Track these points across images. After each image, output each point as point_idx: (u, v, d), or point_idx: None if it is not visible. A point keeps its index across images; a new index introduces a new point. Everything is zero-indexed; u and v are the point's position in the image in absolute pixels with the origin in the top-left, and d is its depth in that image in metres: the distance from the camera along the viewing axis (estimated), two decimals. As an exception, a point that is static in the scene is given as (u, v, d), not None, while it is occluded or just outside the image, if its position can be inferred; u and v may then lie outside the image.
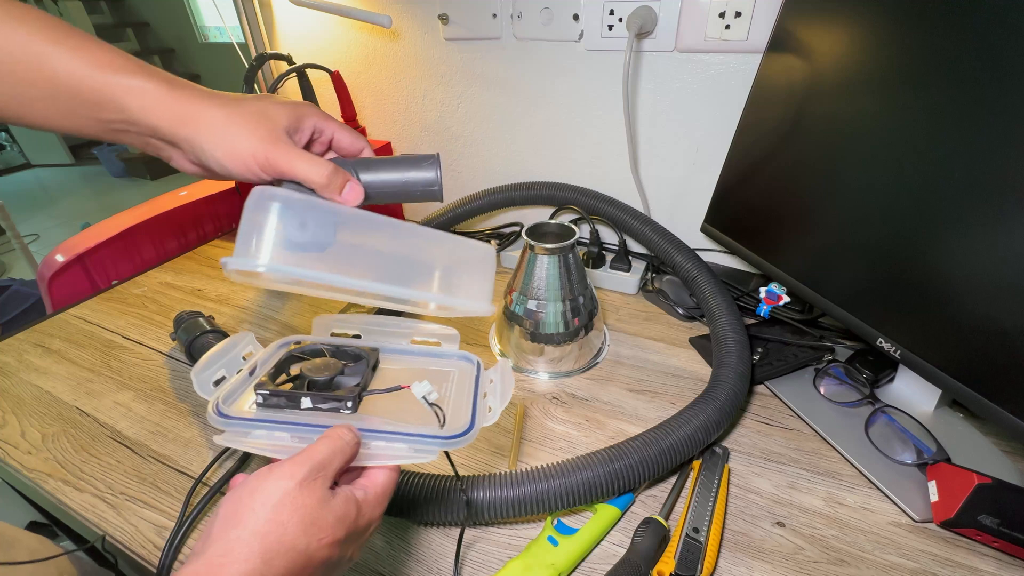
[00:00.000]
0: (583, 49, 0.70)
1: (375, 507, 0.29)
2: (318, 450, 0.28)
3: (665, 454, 0.44)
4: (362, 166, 0.36)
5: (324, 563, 0.26)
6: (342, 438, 0.29)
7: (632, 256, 0.77)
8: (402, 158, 0.36)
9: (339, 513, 0.27)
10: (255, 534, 0.24)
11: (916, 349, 0.45)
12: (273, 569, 0.24)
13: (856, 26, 0.47)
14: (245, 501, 0.25)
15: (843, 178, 0.49)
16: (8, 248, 2.41)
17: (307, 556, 0.25)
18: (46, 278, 0.77)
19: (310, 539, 0.25)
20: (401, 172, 0.35)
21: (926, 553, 0.41)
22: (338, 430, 0.29)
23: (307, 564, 0.25)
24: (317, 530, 0.25)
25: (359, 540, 0.29)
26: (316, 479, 0.26)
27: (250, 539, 0.24)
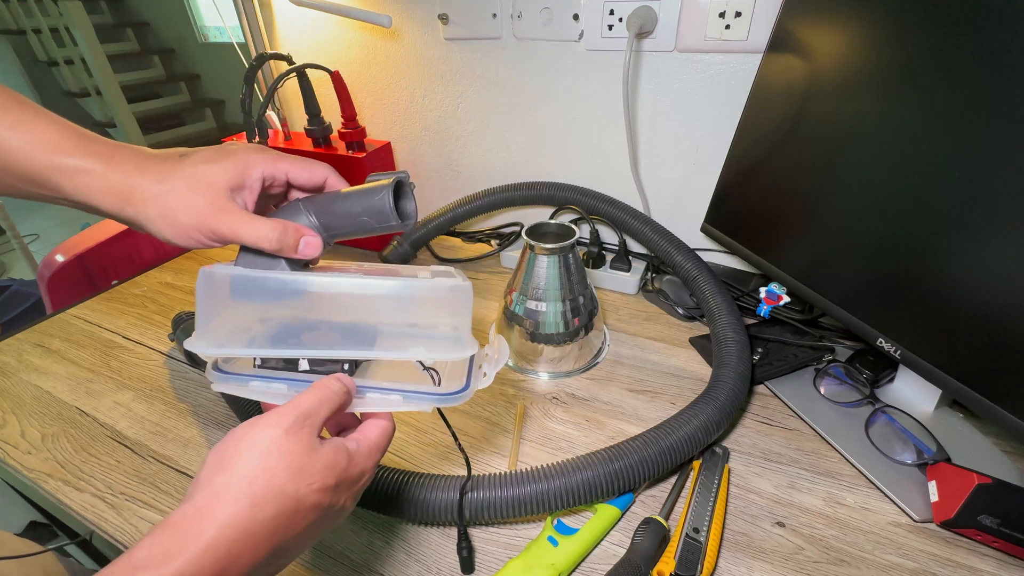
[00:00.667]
0: (583, 49, 0.70)
1: (367, 458, 0.29)
2: (305, 399, 0.28)
3: (665, 454, 0.44)
4: (316, 207, 0.33)
5: (315, 508, 0.26)
6: (329, 387, 0.29)
7: (632, 256, 0.77)
8: (355, 191, 0.33)
9: (328, 460, 0.27)
10: (243, 479, 0.24)
11: (916, 349, 0.45)
12: (262, 512, 0.24)
13: (856, 26, 0.47)
14: (232, 448, 0.25)
15: (843, 178, 0.49)
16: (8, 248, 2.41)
17: (296, 500, 0.25)
18: (46, 278, 0.77)
19: (299, 484, 0.25)
20: (353, 206, 0.32)
21: (926, 553, 0.41)
22: (326, 380, 0.29)
23: (297, 508, 0.25)
24: (306, 475, 0.25)
25: (351, 489, 0.29)
26: (303, 427, 0.26)
27: (238, 483, 0.24)
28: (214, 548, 0.22)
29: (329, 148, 0.82)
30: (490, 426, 0.54)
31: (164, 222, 0.30)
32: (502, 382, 0.60)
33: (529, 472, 0.42)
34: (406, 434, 0.53)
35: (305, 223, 0.32)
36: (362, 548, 0.43)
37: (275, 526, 0.24)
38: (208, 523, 0.23)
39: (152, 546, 0.22)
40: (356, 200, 0.32)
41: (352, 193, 0.33)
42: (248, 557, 0.23)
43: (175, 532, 0.22)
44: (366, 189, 0.32)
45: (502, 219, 0.90)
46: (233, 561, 0.23)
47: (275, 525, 0.24)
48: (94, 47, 2.99)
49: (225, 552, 0.22)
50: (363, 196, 0.32)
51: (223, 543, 0.22)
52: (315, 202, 0.33)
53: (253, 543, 0.23)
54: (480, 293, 0.76)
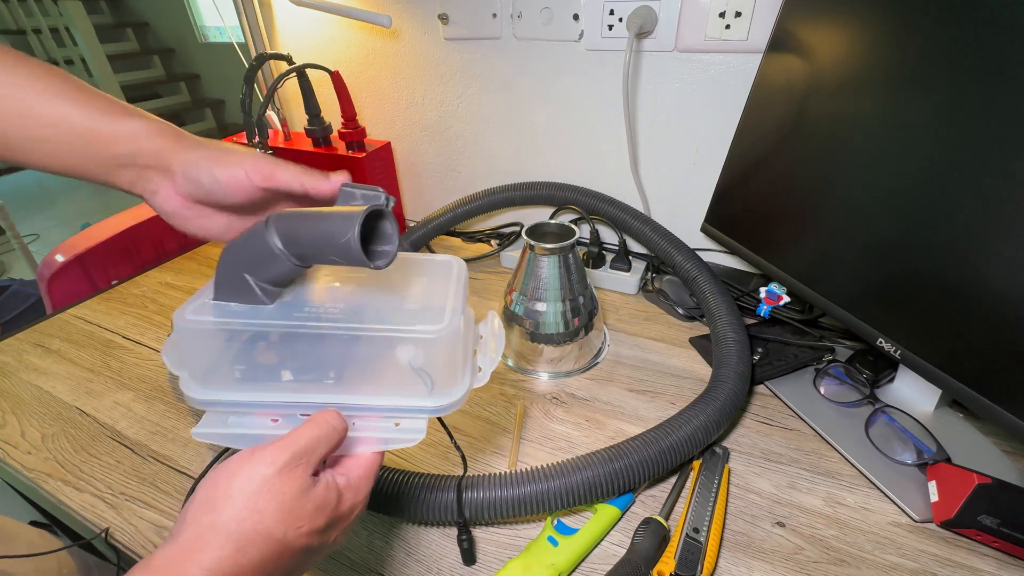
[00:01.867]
0: (583, 49, 0.70)
1: (357, 492, 0.29)
2: (302, 435, 0.27)
3: (665, 454, 0.44)
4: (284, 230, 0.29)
5: (302, 551, 0.26)
6: (329, 423, 0.28)
7: (632, 256, 0.77)
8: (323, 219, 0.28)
9: (319, 501, 0.26)
10: (229, 521, 0.24)
11: (916, 349, 0.45)
12: (246, 557, 0.23)
13: (856, 26, 0.47)
14: (222, 486, 0.25)
15: (843, 178, 0.49)
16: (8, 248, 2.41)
17: (283, 545, 0.25)
18: (46, 278, 0.77)
19: (287, 528, 0.25)
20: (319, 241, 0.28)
21: (926, 553, 0.41)
22: (325, 415, 0.28)
23: (283, 552, 0.25)
24: (295, 519, 0.25)
25: (341, 526, 0.28)
26: (298, 466, 0.26)
27: (225, 524, 0.23)
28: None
29: (329, 148, 0.82)
30: (490, 426, 0.54)
31: (213, 161, 0.32)
32: (502, 382, 0.60)
33: (529, 472, 0.42)
34: (406, 434, 0.53)
35: (271, 247, 0.29)
36: (362, 548, 0.43)
37: (261, 570, 0.24)
38: (190, 567, 0.22)
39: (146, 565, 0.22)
40: (322, 232, 0.28)
41: (320, 219, 0.28)
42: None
43: (156, 573, 0.22)
44: (331, 217, 0.28)
45: (502, 219, 0.90)
46: None
47: (261, 569, 0.24)
48: (94, 47, 2.99)
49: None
50: (328, 227, 0.28)
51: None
52: (285, 224, 0.29)
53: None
54: (480, 293, 0.76)
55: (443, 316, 0.31)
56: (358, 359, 0.32)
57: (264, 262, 0.29)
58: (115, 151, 0.33)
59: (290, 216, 0.29)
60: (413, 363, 0.32)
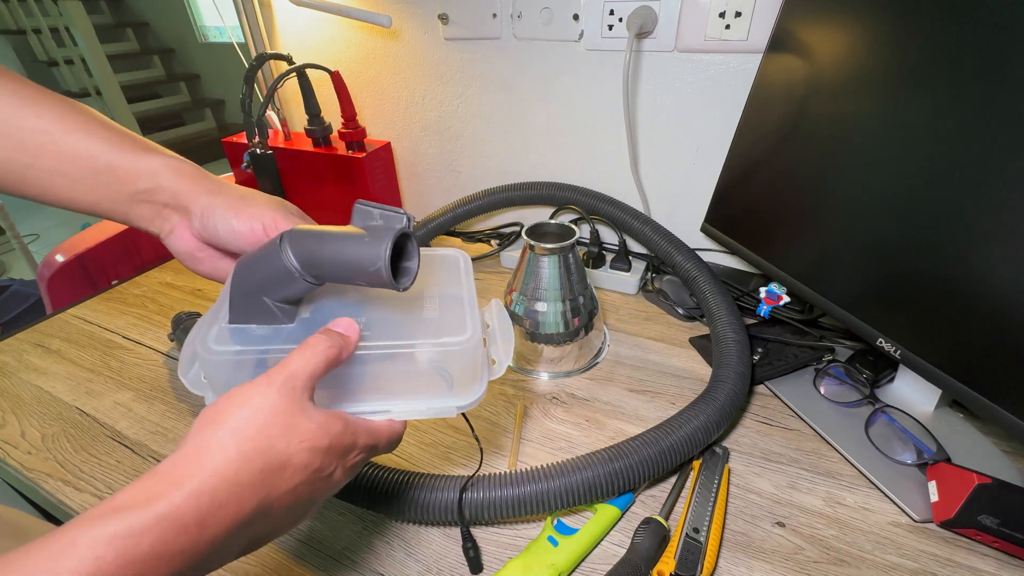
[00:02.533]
0: (583, 49, 0.70)
1: (364, 435, 0.29)
2: (292, 359, 0.27)
3: (665, 454, 0.44)
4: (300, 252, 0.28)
5: (304, 467, 0.25)
6: (316, 344, 0.28)
7: (632, 256, 0.77)
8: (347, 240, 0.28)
9: (321, 420, 0.26)
10: (233, 431, 0.24)
11: (916, 349, 0.45)
12: (250, 464, 0.23)
13: (856, 26, 0.47)
14: (222, 405, 0.25)
15: (843, 178, 0.49)
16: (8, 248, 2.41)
17: (286, 455, 0.25)
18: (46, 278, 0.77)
19: (289, 440, 0.25)
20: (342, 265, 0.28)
21: (926, 553, 0.41)
22: (314, 337, 0.28)
23: (285, 463, 0.25)
24: (296, 432, 0.25)
25: (343, 459, 0.28)
26: (294, 386, 0.26)
27: (228, 435, 0.24)
28: (197, 495, 0.22)
29: (329, 148, 0.82)
30: (490, 426, 0.54)
31: (231, 211, 0.33)
32: (502, 382, 0.60)
33: (529, 472, 0.42)
34: (406, 434, 0.53)
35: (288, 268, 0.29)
36: (362, 548, 0.43)
37: (262, 480, 0.24)
38: (195, 470, 0.22)
39: (136, 490, 0.22)
40: (346, 256, 0.28)
41: (342, 242, 0.28)
42: (232, 509, 0.23)
43: (161, 478, 0.22)
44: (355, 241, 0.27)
45: (502, 219, 0.90)
46: (216, 510, 0.22)
47: (262, 480, 0.24)
48: (94, 47, 2.99)
49: (209, 500, 0.22)
50: (353, 252, 0.27)
51: (207, 491, 0.22)
52: (298, 243, 0.28)
53: (239, 495, 0.23)
54: (481, 293, 0.75)
55: (465, 326, 0.32)
56: (383, 370, 0.32)
57: (280, 282, 0.29)
58: (135, 187, 0.33)
59: (305, 235, 0.29)
60: (433, 365, 0.33)
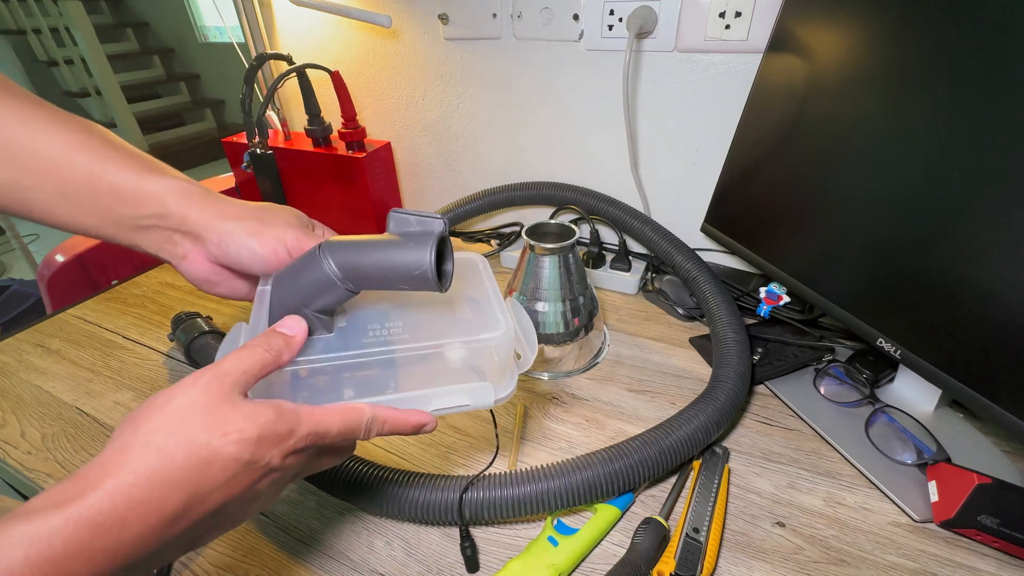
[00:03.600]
0: (583, 49, 0.70)
1: (309, 422, 0.27)
2: (224, 360, 0.26)
3: (665, 454, 0.44)
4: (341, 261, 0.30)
5: (234, 460, 0.24)
6: (254, 346, 0.27)
7: (632, 256, 0.77)
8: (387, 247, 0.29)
9: (249, 411, 0.25)
10: (153, 429, 0.23)
11: (916, 349, 0.45)
12: (172, 460, 0.22)
13: (856, 26, 0.47)
14: (144, 406, 0.24)
15: (843, 178, 0.49)
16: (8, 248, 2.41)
17: (211, 449, 0.23)
18: (46, 278, 0.77)
19: (212, 434, 0.24)
20: (385, 270, 0.29)
21: (926, 553, 0.41)
22: (253, 339, 0.28)
23: (211, 458, 0.23)
24: (220, 424, 0.24)
25: (279, 446, 0.26)
26: (222, 382, 0.25)
27: (147, 434, 0.23)
28: (113, 495, 0.21)
29: (329, 148, 0.82)
30: (490, 426, 0.54)
31: (250, 235, 0.33)
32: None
33: (529, 472, 0.42)
34: (406, 434, 0.53)
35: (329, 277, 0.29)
36: (362, 548, 0.43)
37: (187, 476, 0.23)
38: (113, 470, 0.22)
39: (51, 493, 0.21)
40: (389, 262, 0.29)
41: (384, 249, 0.29)
42: (155, 506, 0.22)
43: (77, 480, 0.21)
44: (397, 247, 0.28)
45: (502, 219, 0.90)
46: (137, 508, 0.21)
47: (187, 475, 0.23)
48: (94, 47, 2.99)
49: (126, 499, 0.21)
50: (396, 258, 0.28)
51: (124, 490, 0.21)
52: (339, 253, 0.29)
53: (161, 492, 0.22)
54: (480, 293, 0.76)
55: (498, 322, 0.33)
56: (421, 370, 0.32)
57: (321, 292, 0.30)
58: (141, 211, 0.32)
59: (346, 246, 0.30)
60: (467, 363, 0.33)
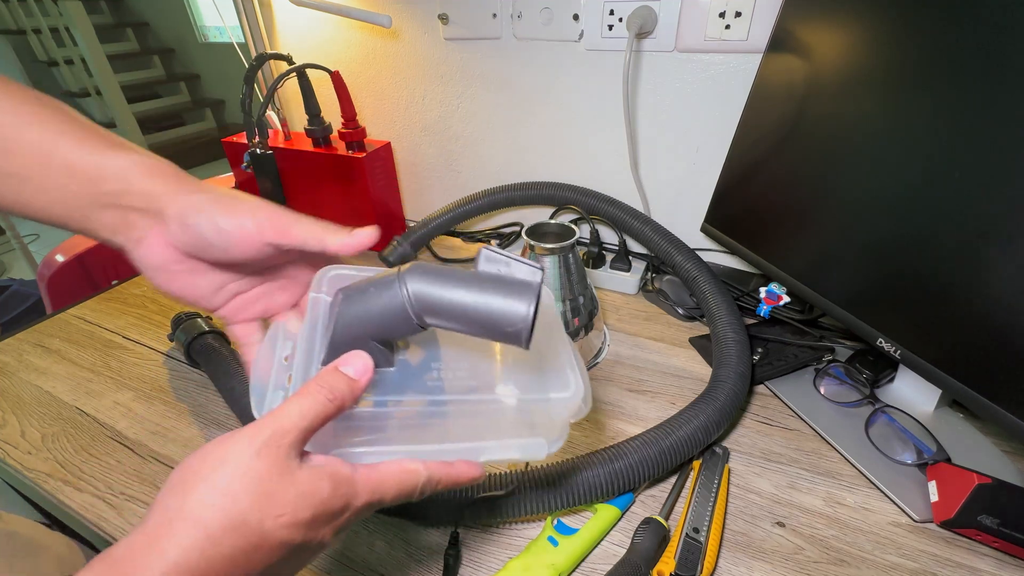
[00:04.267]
0: (583, 49, 0.70)
1: (360, 494, 0.25)
2: (284, 410, 0.23)
3: (665, 454, 0.44)
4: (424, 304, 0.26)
5: (282, 545, 0.22)
6: (314, 393, 0.24)
7: (632, 256, 0.77)
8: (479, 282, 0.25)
9: (304, 488, 0.23)
10: (200, 504, 0.21)
11: (916, 349, 0.45)
12: (218, 548, 0.21)
13: (856, 26, 0.47)
14: (193, 467, 0.22)
15: (843, 178, 0.49)
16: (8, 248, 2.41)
17: (260, 535, 0.21)
18: (46, 278, 0.77)
19: (264, 514, 0.22)
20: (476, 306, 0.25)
21: (926, 553, 0.41)
22: (312, 383, 0.25)
23: (260, 544, 0.22)
24: (273, 505, 0.22)
25: (330, 524, 0.24)
26: (280, 445, 0.22)
27: (193, 510, 0.21)
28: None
29: (329, 148, 0.82)
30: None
31: (218, 207, 0.29)
32: (502, 382, 0.59)
33: (529, 472, 0.42)
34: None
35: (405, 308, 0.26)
36: (362, 548, 0.43)
37: (232, 560, 0.21)
38: (154, 559, 0.20)
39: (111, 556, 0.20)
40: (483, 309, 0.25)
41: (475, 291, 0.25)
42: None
43: (117, 569, 0.20)
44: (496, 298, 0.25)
45: (502, 219, 0.90)
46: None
47: (231, 559, 0.21)
48: (94, 47, 2.99)
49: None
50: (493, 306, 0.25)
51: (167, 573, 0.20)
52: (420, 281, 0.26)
53: (203, 572, 0.21)
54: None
55: (568, 382, 0.29)
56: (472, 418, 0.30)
57: (390, 323, 0.26)
58: (98, 189, 0.28)
59: (431, 274, 0.26)
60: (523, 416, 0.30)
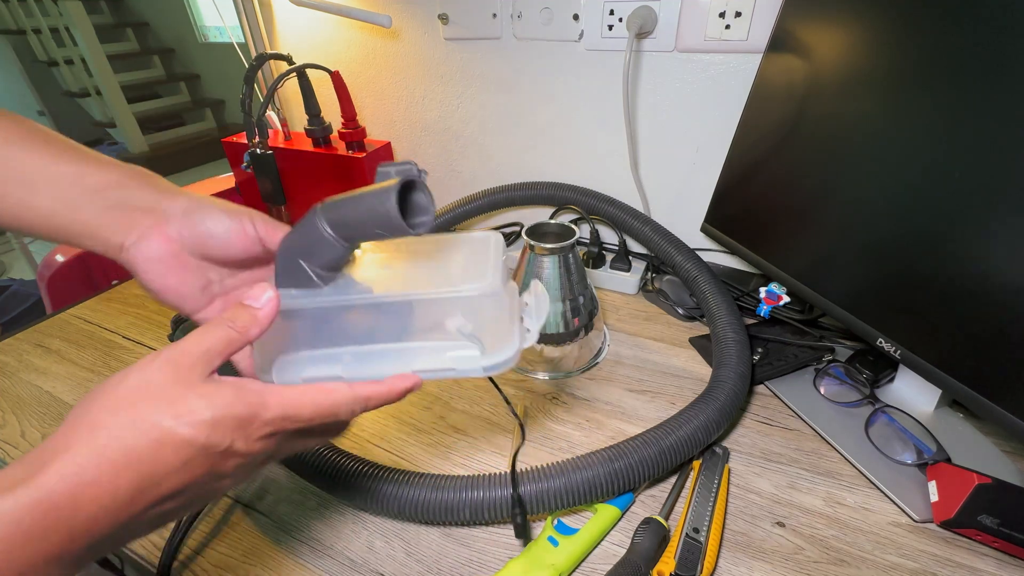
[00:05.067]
0: (583, 49, 0.70)
1: (276, 405, 0.25)
2: (184, 339, 0.25)
3: (665, 454, 0.44)
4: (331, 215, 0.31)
5: (187, 443, 0.23)
6: (217, 323, 0.26)
7: (632, 256, 0.77)
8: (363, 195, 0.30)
9: (204, 392, 0.24)
10: (102, 410, 0.22)
11: (916, 349, 0.45)
12: (122, 441, 0.22)
13: (856, 26, 0.47)
14: (97, 387, 0.23)
15: (843, 178, 0.49)
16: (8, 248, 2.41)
17: (162, 431, 0.22)
18: (46, 278, 0.77)
19: (163, 414, 0.22)
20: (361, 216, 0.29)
21: (926, 553, 0.41)
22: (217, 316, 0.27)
23: (163, 439, 0.22)
24: (172, 406, 0.23)
25: (240, 432, 0.24)
26: (178, 363, 0.24)
27: (96, 415, 0.22)
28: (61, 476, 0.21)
29: (329, 148, 0.82)
30: (490, 426, 0.54)
31: (220, 206, 0.32)
32: (503, 382, 0.60)
33: (529, 472, 0.42)
34: (407, 434, 0.53)
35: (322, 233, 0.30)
36: (362, 548, 0.43)
37: (137, 458, 0.22)
38: (60, 451, 0.21)
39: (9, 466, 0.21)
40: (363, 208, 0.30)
41: (360, 198, 0.30)
42: (106, 487, 0.21)
43: (25, 462, 0.21)
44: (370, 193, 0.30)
45: (502, 219, 0.90)
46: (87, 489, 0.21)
47: (137, 457, 0.22)
48: (94, 47, 2.99)
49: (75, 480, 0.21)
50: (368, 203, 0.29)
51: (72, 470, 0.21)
52: (331, 209, 0.30)
53: (110, 473, 0.21)
54: (480, 293, 0.76)
55: (486, 275, 0.32)
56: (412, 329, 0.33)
57: (317, 248, 0.31)
58: (104, 194, 0.31)
59: (335, 201, 0.31)
60: (463, 330, 0.33)
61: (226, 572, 0.41)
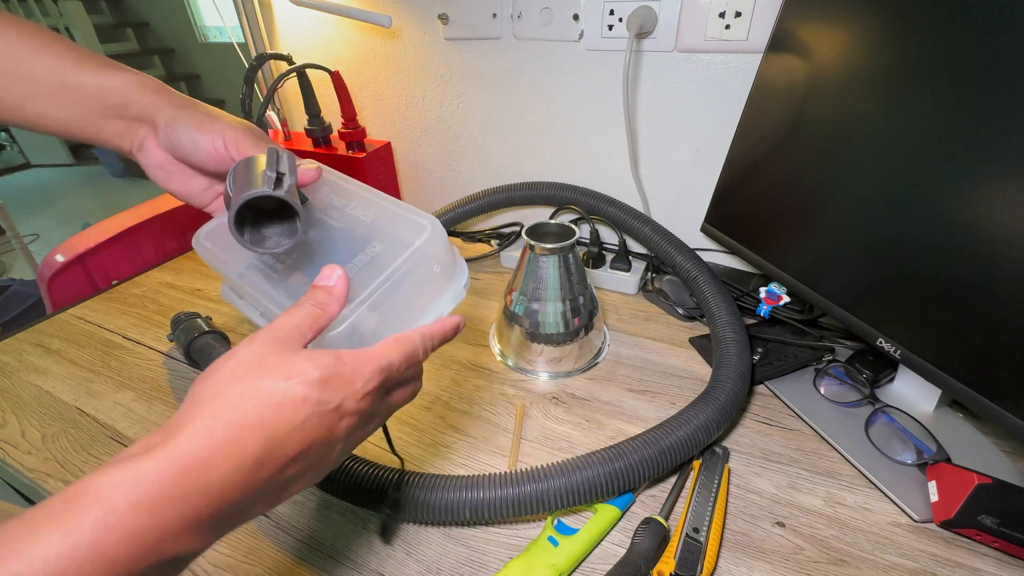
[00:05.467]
0: (583, 49, 0.70)
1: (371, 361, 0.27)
2: (279, 318, 0.27)
3: (665, 454, 0.44)
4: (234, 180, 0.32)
5: (303, 400, 0.24)
6: (303, 303, 0.28)
7: (632, 256, 0.77)
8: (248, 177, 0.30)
9: (308, 355, 0.25)
10: (220, 380, 0.24)
11: (916, 349, 0.45)
12: (244, 404, 0.23)
13: (856, 26, 0.47)
14: (210, 367, 0.25)
15: (843, 178, 0.49)
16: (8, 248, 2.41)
17: (278, 392, 0.24)
18: (46, 278, 0.77)
19: (276, 377, 0.24)
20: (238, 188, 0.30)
21: (926, 553, 0.41)
22: (311, 295, 0.28)
23: (282, 401, 0.24)
24: (283, 369, 0.24)
25: (348, 388, 0.26)
26: (276, 336, 0.26)
27: (216, 384, 0.23)
28: (194, 437, 0.22)
29: (329, 148, 0.82)
30: (490, 426, 0.54)
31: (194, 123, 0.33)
32: (502, 382, 0.60)
33: (529, 472, 0.42)
34: (406, 434, 0.53)
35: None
36: (362, 548, 0.43)
37: (261, 418, 0.23)
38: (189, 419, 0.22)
39: (138, 445, 0.21)
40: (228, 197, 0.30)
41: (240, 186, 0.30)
42: (235, 448, 0.22)
43: (159, 431, 0.22)
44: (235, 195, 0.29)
45: (502, 219, 0.90)
46: (218, 449, 0.22)
47: (260, 417, 0.23)
48: (94, 47, 2.99)
49: (207, 441, 0.22)
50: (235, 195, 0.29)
51: (203, 433, 0.22)
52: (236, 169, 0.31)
53: (238, 433, 0.22)
54: (480, 293, 0.76)
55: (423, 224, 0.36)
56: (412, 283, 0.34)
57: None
58: (104, 103, 0.34)
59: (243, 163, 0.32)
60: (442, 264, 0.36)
61: (227, 572, 0.41)
